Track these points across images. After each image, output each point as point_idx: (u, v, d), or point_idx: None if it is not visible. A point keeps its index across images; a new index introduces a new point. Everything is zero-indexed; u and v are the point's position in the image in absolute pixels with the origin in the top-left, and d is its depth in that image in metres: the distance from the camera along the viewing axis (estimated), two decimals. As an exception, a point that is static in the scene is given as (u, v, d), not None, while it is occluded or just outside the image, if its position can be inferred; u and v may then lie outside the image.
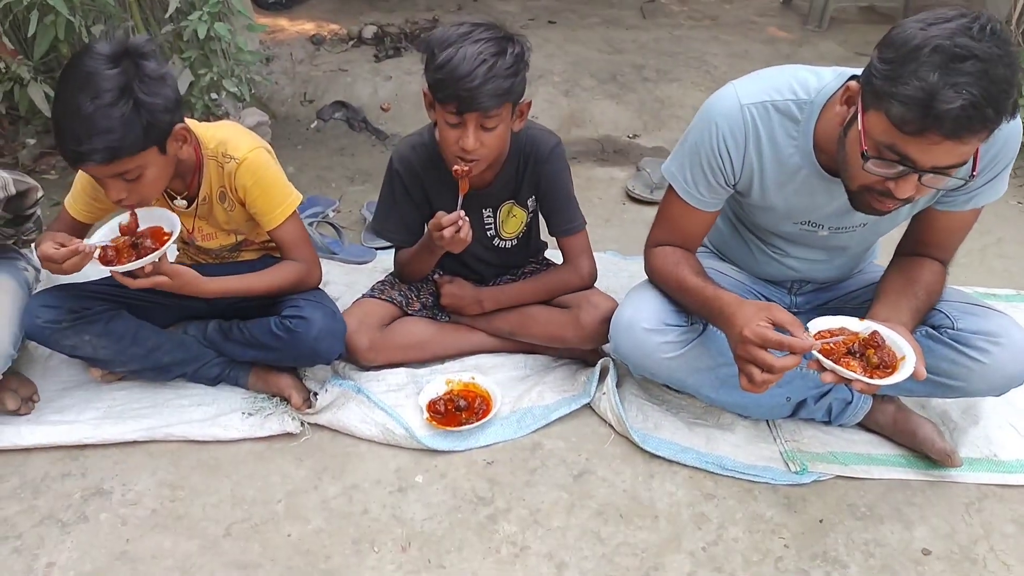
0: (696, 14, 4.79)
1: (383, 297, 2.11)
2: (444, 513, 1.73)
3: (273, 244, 2.11)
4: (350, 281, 2.50)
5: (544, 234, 2.21)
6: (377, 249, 2.72)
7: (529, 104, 1.84)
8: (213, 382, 2.04)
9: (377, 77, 3.82)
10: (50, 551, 1.62)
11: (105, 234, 1.75)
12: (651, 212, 2.98)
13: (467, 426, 1.91)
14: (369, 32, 4.13)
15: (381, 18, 4.50)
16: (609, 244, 2.73)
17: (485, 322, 2.13)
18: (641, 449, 1.89)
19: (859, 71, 1.48)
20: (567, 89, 3.74)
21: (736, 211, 1.91)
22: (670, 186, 1.81)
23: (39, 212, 2.22)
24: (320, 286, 2.02)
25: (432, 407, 1.96)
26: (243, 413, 1.94)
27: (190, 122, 1.79)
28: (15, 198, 1.86)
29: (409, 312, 2.13)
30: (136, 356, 1.93)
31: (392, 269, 2.56)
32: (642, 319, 1.80)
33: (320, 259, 2.02)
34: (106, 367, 1.98)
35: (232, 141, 1.83)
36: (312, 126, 3.61)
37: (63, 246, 1.66)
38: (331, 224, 2.84)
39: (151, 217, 1.77)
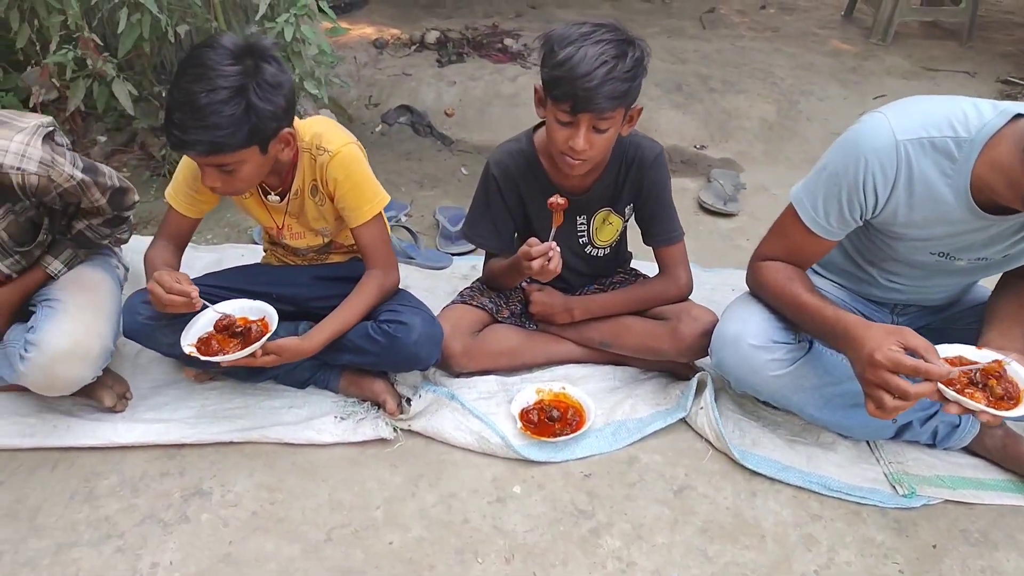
0: (757, 25, 4.75)
1: (474, 303, 2.09)
2: (546, 525, 1.70)
3: (360, 246, 2.11)
4: (429, 286, 2.49)
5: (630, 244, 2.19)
6: (453, 255, 2.71)
7: (640, 110, 1.82)
8: (303, 385, 2.02)
9: (441, 82, 3.81)
10: (153, 551, 1.60)
11: (203, 326, 1.77)
12: (724, 223, 2.96)
13: (562, 437, 1.88)
14: (432, 37, 4.13)
15: (439, 24, 4.51)
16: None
17: (574, 331, 2.11)
18: (740, 466, 1.85)
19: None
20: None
21: (856, 239, 1.84)
22: (792, 209, 1.75)
23: (132, 216, 2.24)
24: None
25: (525, 416, 1.93)
26: (335, 417, 1.93)
27: None
28: (117, 192, 1.86)
29: (499, 319, 2.11)
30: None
31: (469, 274, 2.58)
32: (749, 335, 1.77)
33: (399, 263, 2.02)
34: (200, 367, 1.98)
35: (327, 135, 1.82)
36: (377, 129, 3.61)
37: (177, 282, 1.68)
38: (406, 228, 2.83)
39: (245, 310, 1.80)
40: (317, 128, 1.84)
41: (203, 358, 1.69)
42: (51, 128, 1.70)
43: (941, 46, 4.51)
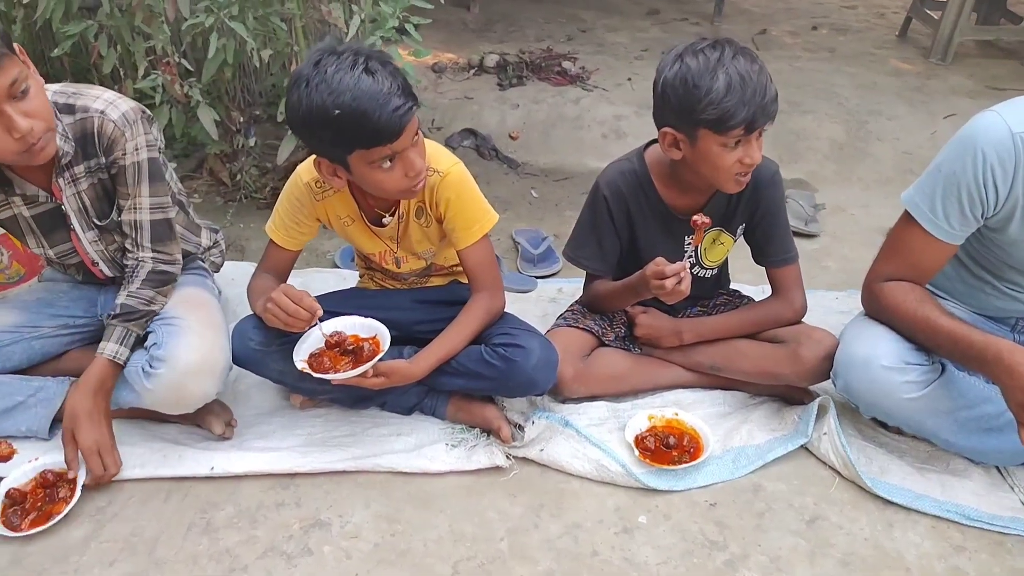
0: (812, 46, 4.72)
1: (580, 326, 2.04)
2: (678, 557, 1.63)
3: (461, 269, 2.07)
4: (518, 310, 2.40)
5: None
6: (537, 278, 2.66)
7: None
8: (409, 411, 1.98)
9: (504, 105, 3.80)
10: (279, 585, 1.55)
11: (313, 344, 1.74)
12: (807, 244, 2.91)
13: (683, 465, 1.81)
14: (491, 61, 4.12)
15: (491, 48, 4.51)
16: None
17: (682, 355, 2.05)
18: (870, 494, 1.78)
19: None
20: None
21: (970, 247, 1.80)
22: (907, 217, 1.72)
23: (222, 242, 2.23)
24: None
25: (640, 443, 1.87)
26: (446, 444, 1.87)
27: None
28: (163, 223, 1.84)
29: (605, 342, 2.05)
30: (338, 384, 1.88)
31: (556, 297, 2.53)
32: (881, 356, 1.71)
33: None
34: (308, 394, 1.94)
35: (435, 155, 1.79)
36: (442, 153, 3.59)
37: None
38: (488, 251, 2.79)
39: (356, 327, 1.77)
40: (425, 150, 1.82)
41: (316, 375, 1.64)
42: (150, 114, 1.75)
43: (1002, 65, 4.47)
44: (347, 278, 2.57)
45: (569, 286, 2.60)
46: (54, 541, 1.63)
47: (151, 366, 1.70)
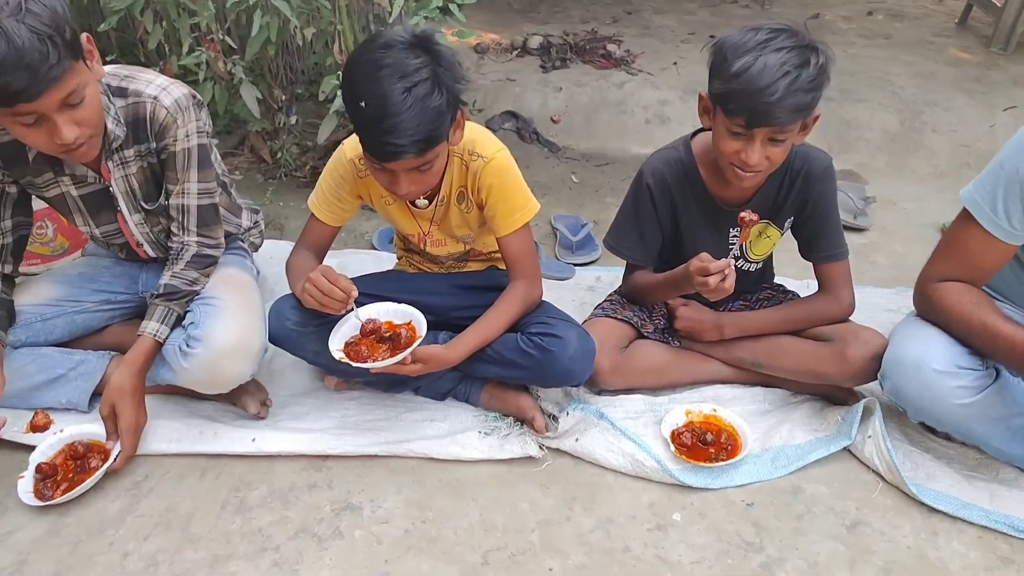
0: (867, 32, 4.57)
1: (619, 317, 2.00)
2: (713, 557, 1.60)
3: (498, 254, 2.04)
4: (554, 298, 2.36)
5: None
6: (575, 265, 2.62)
7: (817, 117, 1.71)
8: (442, 397, 1.96)
9: (546, 88, 3.74)
10: (310, 566, 1.55)
11: (348, 331, 1.72)
12: (856, 239, 2.82)
13: (720, 463, 1.77)
14: (535, 42, 4.06)
15: (534, 29, 4.44)
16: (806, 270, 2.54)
17: (722, 350, 2.00)
18: (915, 501, 1.72)
19: None
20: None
21: None
22: (965, 216, 1.65)
23: (261, 222, 2.23)
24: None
25: (677, 439, 1.83)
26: (479, 432, 1.86)
27: None
28: (209, 208, 1.86)
29: (644, 334, 2.01)
30: (373, 366, 1.88)
31: (594, 286, 2.49)
32: (932, 360, 1.64)
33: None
34: (343, 376, 1.93)
35: (480, 140, 1.76)
36: (482, 135, 3.56)
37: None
38: (526, 237, 2.76)
39: (391, 313, 1.75)
40: (469, 134, 1.78)
41: (354, 365, 1.63)
42: (200, 99, 1.76)
43: (1065, 55, 4.27)
44: (384, 260, 2.56)
45: (607, 274, 2.56)
46: (90, 513, 1.65)
47: (188, 345, 1.71)
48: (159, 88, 1.69)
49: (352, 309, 1.66)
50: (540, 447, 1.83)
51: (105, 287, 1.94)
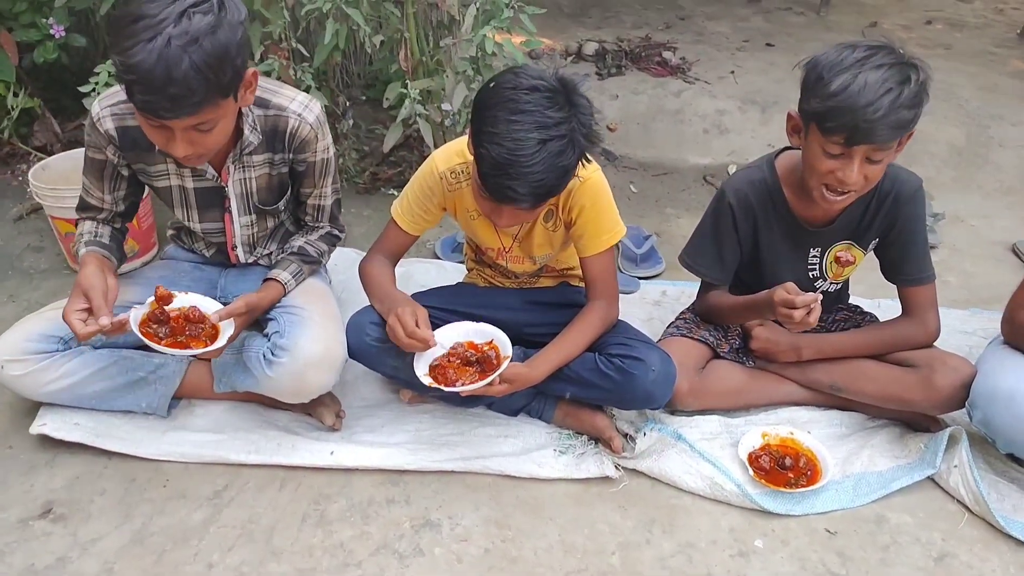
0: (926, 42, 4.49)
1: (695, 337, 1.98)
2: (798, 587, 1.58)
3: (571, 271, 2.03)
4: (620, 313, 2.37)
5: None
6: (640, 279, 2.60)
7: (911, 135, 1.67)
8: (515, 413, 1.96)
9: (602, 95, 3.71)
10: (392, 584, 1.55)
11: (432, 352, 1.73)
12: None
13: (801, 489, 1.75)
14: (590, 49, 4.04)
15: (587, 34, 4.42)
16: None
17: (799, 372, 1.97)
18: (1003, 533, 1.68)
19: None
20: (806, 117, 3.53)
21: None
22: None
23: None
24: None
25: (755, 462, 1.81)
26: (554, 450, 1.85)
27: None
28: (339, 202, 2.00)
29: (720, 354, 1.99)
30: (450, 381, 1.87)
31: (660, 300, 2.47)
32: (1028, 391, 1.60)
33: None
34: (419, 391, 1.93)
35: None
36: (538, 143, 3.54)
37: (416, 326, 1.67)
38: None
39: (471, 333, 1.76)
40: None
41: (446, 389, 1.64)
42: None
43: None
44: (448, 269, 2.56)
45: (674, 288, 2.53)
46: (174, 522, 1.66)
47: (273, 354, 1.72)
48: (302, 105, 1.74)
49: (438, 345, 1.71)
50: (616, 467, 1.81)
51: (184, 290, 1.95)
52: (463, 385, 1.64)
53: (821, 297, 1.65)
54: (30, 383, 1.76)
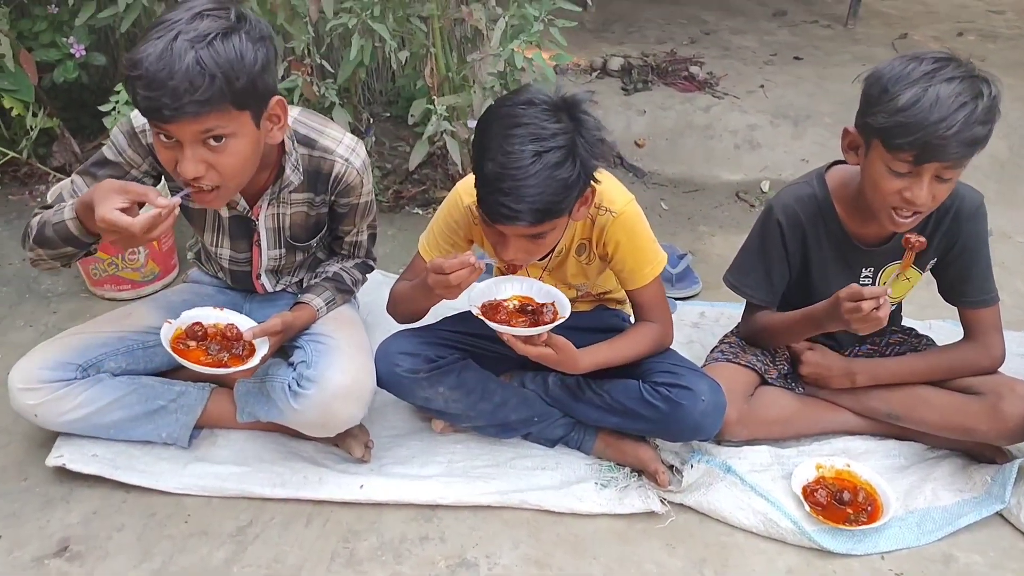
0: (960, 53, 4.36)
1: (742, 362, 1.87)
2: (865, 635, 1.46)
3: (608, 295, 1.94)
4: (658, 334, 2.29)
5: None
6: (676, 299, 2.50)
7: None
8: (552, 444, 1.86)
9: (629, 111, 3.63)
10: (427, 630, 1.45)
11: (484, 293, 1.60)
12: None
13: (862, 526, 1.63)
14: (615, 64, 3.96)
15: (611, 49, 4.35)
16: (943, 310, 2.38)
17: (853, 399, 1.86)
18: (1082, 576, 1.56)
19: None
20: (840, 132, 3.43)
21: None
22: None
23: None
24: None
25: (810, 496, 1.70)
26: (595, 484, 1.75)
27: None
28: (374, 236, 1.96)
29: (768, 380, 1.88)
30: (484, 412, 1.78)
31: (698, 322, 2.36)
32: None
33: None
34: (453, 420, 1.84)
35: (608, 192, 1.64)
36: (564, 159, 3.46)
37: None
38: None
39: (532, 290, 1.63)
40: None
41: (490, 324, 1.51)
42: None
43: None
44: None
45: (712, 310, 2.43)
46: (195, 560, 1.57)
47: (300, 385, 1.63)
48: (349, 149, 1.69)
49: (486, 264, 1.54)
50: (662, 501, 1.71)
51: (219, 306, 1.88)
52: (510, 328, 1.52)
53: (890, 292, 1.54)
54: (46, 412, 1.68)
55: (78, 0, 2.62)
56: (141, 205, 1.39)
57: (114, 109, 2.41)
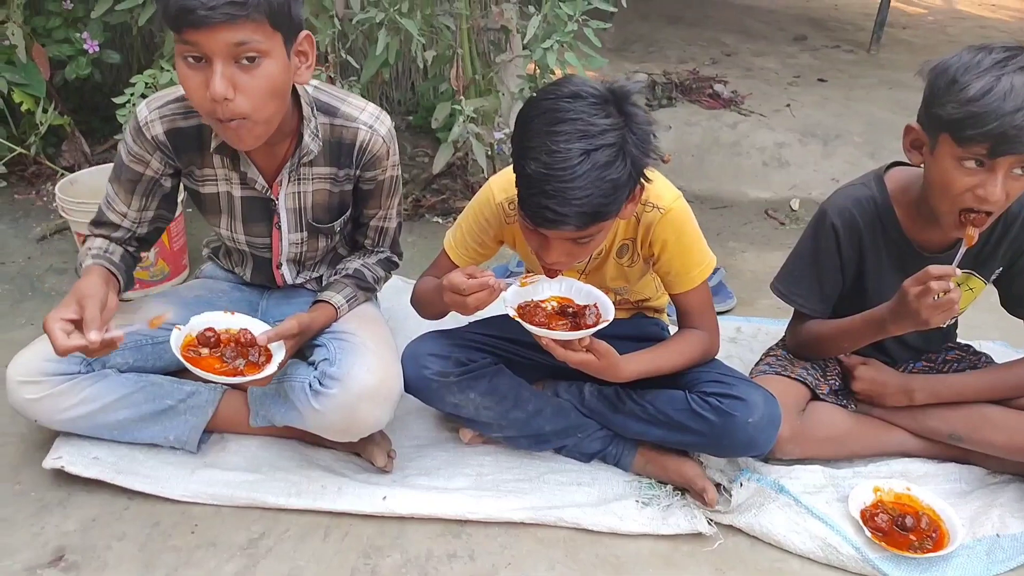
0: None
1: (792, 376, 1.75)
2: (940, 674, 1.32)
3: (647, 302, 1.82)
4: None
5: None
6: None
7: None
8: (587, 458, 1.73)
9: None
10: (457, 657, 1.32)
11: (520, 295, 1.48)
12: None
13: (928, 553, 1.50)
14: (639, 80, 3.89)
15: (631, 67, 4.29)
16: (990, 330, 2.27)
17: (910, 418, 1.74)
18: None
19: None
20: (872, 151, 3.34)
21: None
22: None
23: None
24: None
25: (869, 520, 1.57)
26: (637, 502, 1.61)
27: None
28: (401, 225, 1.83)
29: (819, 396, 1.76)
30: (517, 421, 1.66)
31: (735, 337, 2.24)
32: None
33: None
34: (483, 430, 1.71)
35: (655, 187, 1.51)
36: (587, 173, 3.37)
37: (471, 278, 1.41)
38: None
39: (572, 291, 1.51)
40: None
41: (527, 326, 1.40)
42: None
43: None
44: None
45: (748, 325, 2.31)
46: (202, 575, 1.44)
47: (322, 384, 1.50)
48: (372, 117, 1.58)
49: (508, 284, 1.44)
50: (710, 522, 1.58)
51: (229, 310, 1.76)
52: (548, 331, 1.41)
53: (958, 271, 1.43)
54: (47, 408, 1.56)
55: (94, -6, 2.54)
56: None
57: (128, 102, 2.31)
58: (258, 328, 1.52)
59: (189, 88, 1.34)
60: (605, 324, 1.43)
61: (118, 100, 2.34)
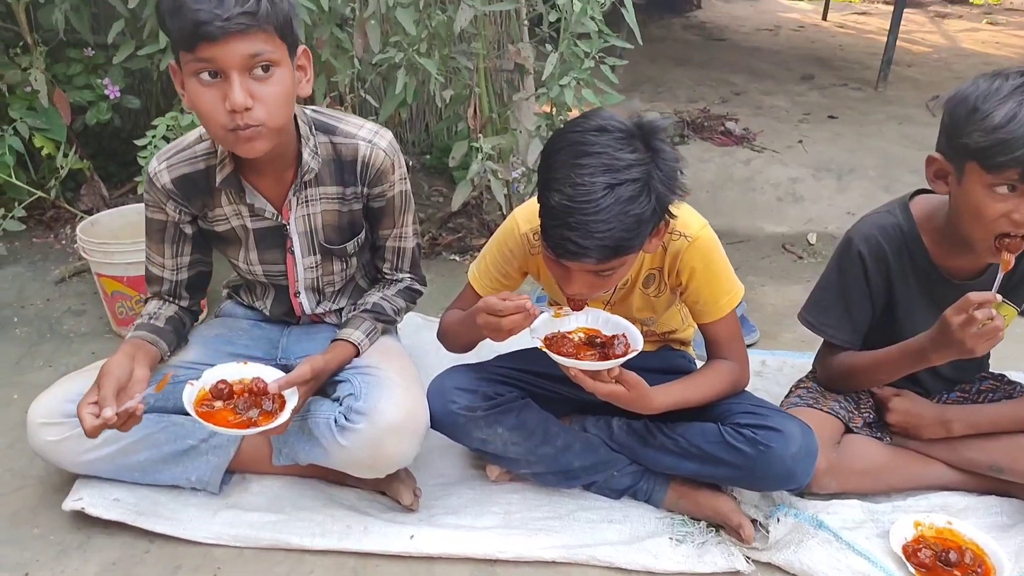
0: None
1: (824, 408, 1.71)
2: None
3: (673, 334, 1.80)
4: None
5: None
6: (733, 347, 2.35)
7: None
8: (618, 495, 1.69)
9: (667, 163, 3.56)
10: None
11: (548, 326, 1.46)
12: None
13: (975, 591, 1.45)
14: (668, 116, 3.92)
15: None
16: (1020, 360, 2.23)
17: (947, 450, 1.69)
18: None
19: None
20: (886, 184, 3.34)
21: None
22: None
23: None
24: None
25: (912, 556, 1.52)
26: (670, 539, 1.57)
27: None
28: (419, 246, 1.84)
29: (853, 428, 1.72)
30: (545, 457, 1.62)
31: (760, 370, 2.21)
32: None
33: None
34: (510, 466, 1.68)
35: (681, 216, 1.49)
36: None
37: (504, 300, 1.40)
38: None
39: (600, 322, 1.50)
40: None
41: (555, 357, 1.38)
42: None
43: None
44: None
45: (773, 359, 2.28)
46: (225, 620, 1.40)
47: (348, 419, 1.48)
48: (371, 132, 1.59)
49: (542, 311, 1.44)
50: (747, 559, 1.53)
51: (242, 351, 1.73)
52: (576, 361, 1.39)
53: (999, 297, 1.40)
54: (68, 450, 1.53)
55: (115, 39, 2.58)
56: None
57: (150, 143, 2.33)
58: (271, 376, 1.49)
59: (204, 104, 1.35)
60: (635, 353, 1.40)
61: (139, 142, 2.36)
